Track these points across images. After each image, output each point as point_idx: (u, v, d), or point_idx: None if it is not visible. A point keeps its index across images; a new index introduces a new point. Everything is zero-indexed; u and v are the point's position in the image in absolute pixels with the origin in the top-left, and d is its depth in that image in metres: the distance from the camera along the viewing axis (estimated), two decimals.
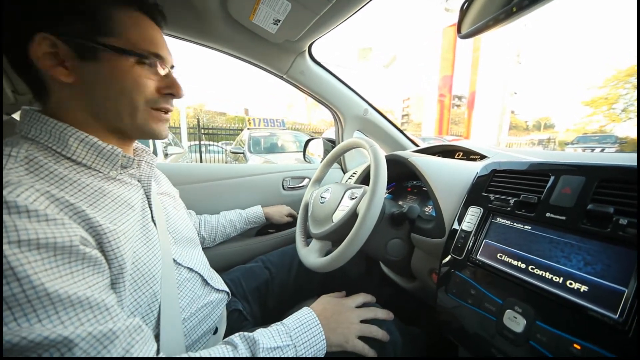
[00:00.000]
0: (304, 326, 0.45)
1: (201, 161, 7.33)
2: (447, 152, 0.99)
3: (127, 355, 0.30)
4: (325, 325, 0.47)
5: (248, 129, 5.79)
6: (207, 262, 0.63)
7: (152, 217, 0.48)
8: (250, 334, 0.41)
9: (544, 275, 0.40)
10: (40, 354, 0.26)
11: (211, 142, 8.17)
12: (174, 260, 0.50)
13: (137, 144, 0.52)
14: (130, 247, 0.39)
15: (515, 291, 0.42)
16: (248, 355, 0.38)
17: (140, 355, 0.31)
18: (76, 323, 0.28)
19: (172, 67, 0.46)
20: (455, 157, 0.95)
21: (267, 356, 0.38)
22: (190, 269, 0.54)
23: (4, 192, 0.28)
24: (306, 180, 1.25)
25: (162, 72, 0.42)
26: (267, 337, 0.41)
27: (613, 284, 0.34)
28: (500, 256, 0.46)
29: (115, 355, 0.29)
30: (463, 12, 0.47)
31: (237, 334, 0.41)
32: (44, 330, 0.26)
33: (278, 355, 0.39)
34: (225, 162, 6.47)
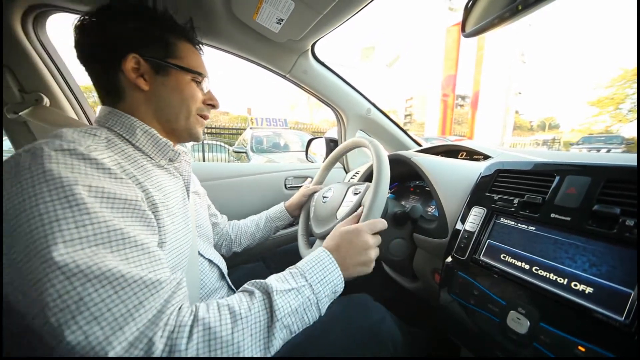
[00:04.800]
0: (318, 265, 0.44)
1: (204, 160, 7.37)
2: (450, 152, 0.98)
3: (165, 307, 0.32)
4: (340, 260, 0.46)
5: (251, 128, 5.81)
6: (222, 258, 0.68)
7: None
8: (263, 280, 0.41)
9: (548, 276, 0.40)
10: (96, 287, 0.28)
11: (214, 142, 8.19)
12: (198, 252, 0.56)
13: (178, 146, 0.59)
14: (173, 225, 0.44)
15: (519, 292, 0.41)
16: (265, 299, 0.38)
17: (175, 306, 0.33)
18: (136, 263, 0.32)
19: None
20: (459, 157, 0.94)
21: (284, 298, 0.38)
22: (211, 261, 0.61)
23: (84, 150, 0.34)
24: (308, 179, 1.25)
25: (205, 89, 0.54)
26: (281, 281, 0.41)
27: (619, 286, 0.33)
28: (504, 257, 0.46)
29: (155, 303, 0.31)
30: (467, 11, 0.47)
31: (250, 282, 0.41)
32: (109, 262, 0.30)
33: (294, 296, 0.39)
34: (228, 162, 6.50)
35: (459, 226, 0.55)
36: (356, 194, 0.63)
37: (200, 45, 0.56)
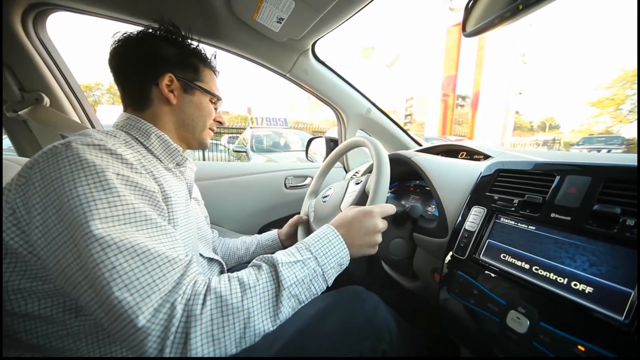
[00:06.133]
0: (323, 240, 0.47)
1: (204, 159, 7.36)
2: (450, 151, 0.98)
3: (182, 279, 0.36)
4: (349, 238, 0.48)
5: (251, 127, 5.80)
6: (220, 257, 0.70)
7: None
8: (270, 255, 0.44)
9: (548, 276, 0.40)
10: (126, 259, 0.33)
11: (214, 141, 8.17)
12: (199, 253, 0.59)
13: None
14: (179, 220, 0.48)
15: (519, 292, 0.41)
16: (272, 271, 0.41)
17: (191, 278, 0.38)
18: (158, 241, 0.37)
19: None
20: (459, 156, 0.94)
21: (289, 269, 0.41)
22: (211, 259, 0.64)
23: (111, 147, 0.40)
24: (308, 179, 1.25)
25: (218, 109, 0.65)
26: (287, 254, 0.44)
27: (619, 286, 0.33)
28: (504, 256, 0.46)
29: (174, 276, 0.36)
30: (468, 11, 0.47)
31: (258, 257, 0.45)
32: (137, 238, 0.34)
33: (299, 268, 0.42)
34: (228, 161, 6.49)
35: (459, 226, 0.55)
36: (358, 183, 0.63)
37: (218, 72, 0.66)
